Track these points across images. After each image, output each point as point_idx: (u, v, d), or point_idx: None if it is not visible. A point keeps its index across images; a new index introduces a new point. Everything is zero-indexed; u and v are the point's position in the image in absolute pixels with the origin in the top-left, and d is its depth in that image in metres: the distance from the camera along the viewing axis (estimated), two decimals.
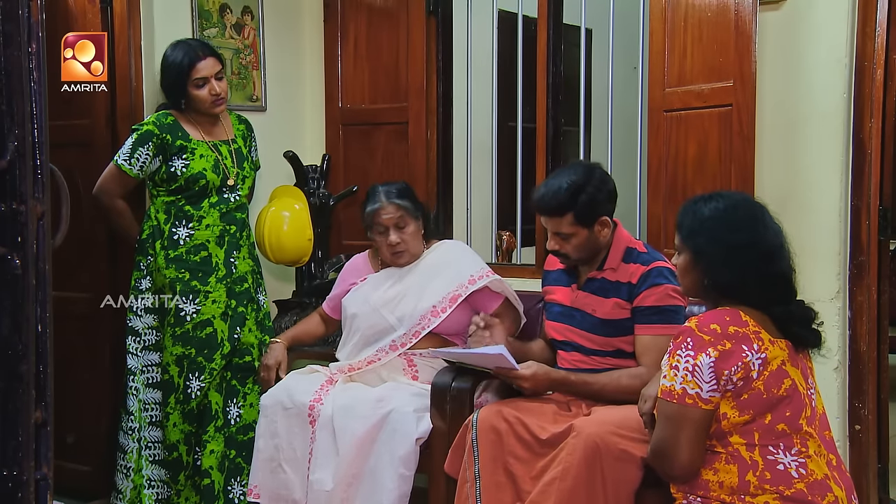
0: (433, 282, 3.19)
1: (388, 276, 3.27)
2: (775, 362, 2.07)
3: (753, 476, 2.04)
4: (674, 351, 2.09)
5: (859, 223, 3.06)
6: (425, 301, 3.16)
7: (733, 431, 2.07)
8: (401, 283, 3.23)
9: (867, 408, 3.08)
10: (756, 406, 2.06)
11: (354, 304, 3.27)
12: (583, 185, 2.73)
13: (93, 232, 3.58)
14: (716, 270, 2.14)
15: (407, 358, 3.17)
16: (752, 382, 2.04)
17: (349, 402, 3.01)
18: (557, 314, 2.92)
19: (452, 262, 3.24)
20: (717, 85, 3.14)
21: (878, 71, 3.02)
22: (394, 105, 3.97)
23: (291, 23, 4.03)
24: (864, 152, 3.04)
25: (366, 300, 3.24)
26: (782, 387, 2.06)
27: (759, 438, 2.06)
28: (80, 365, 3.65)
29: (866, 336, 3.08)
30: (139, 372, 3.29)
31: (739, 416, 2.06)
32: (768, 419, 2.06)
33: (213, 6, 3.81)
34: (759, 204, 2.23)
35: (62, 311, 2.62)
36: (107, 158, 3.31)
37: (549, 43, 3.71)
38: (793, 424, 2.07)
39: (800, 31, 3.14)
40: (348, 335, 3.29)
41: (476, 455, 2.64)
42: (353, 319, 3.26)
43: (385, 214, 3.18)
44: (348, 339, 3.28)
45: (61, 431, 3.48)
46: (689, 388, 2.05)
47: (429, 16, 3.89)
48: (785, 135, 3.18)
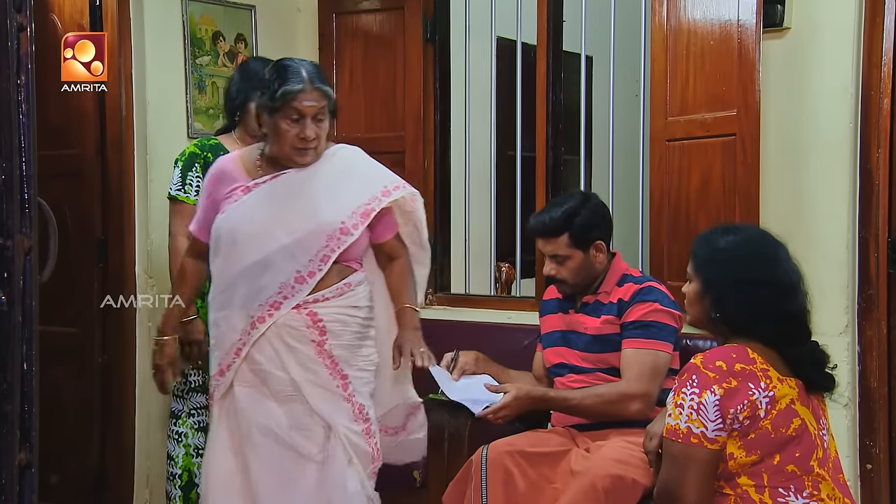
0: (338, 191, 2.61)
1: (279, 184, 2.59)
2: (784, 401, 2.01)
3: None
4: (678, 389, 2.04)
5: (867, 255, 3.02)
6: (328, 214, 2.57)
7: (741, 472, 2.01)
8: (300, 192, 2.58)
9: (878, 446, 3.02)
10: (764, 446, 1.99)
11: (234, 222, 2.57)
12: (578, 209, 2.84)
13: (81, 264, 3.51)
14: (725, 304, 2.10)
15: (310, 313, 2.57)
16: (760, 422, 1.99)
17: (249, 425, 2.57)
18: (553, 339, 2.97)
19: (361, 166, 2.70)
20: (721, 114, 3.11)
21: (885, 100, 2.98)
22: (390, 134, 3.93)
23: (286, 50, 3.99)
24: (872, 183, 3.01)
25: (251, 217, 2.56)
26: (791, 426, 2.00)
27: (768, 480, 2.00)
28: (67, 402, 3.57)
29: (876, 372, 3.02)
30: (185, 415, 3.20)
31: (747, 457, 2.00)
32: (777, 460, 2.00)
33: (205, 34, 3.77)
34: (778, 241, 2.17)
35: (48, 345, 2.55)
36: (96, 188, 3.26)
37: (548, 70, 3.70)
38: (803, 466, 2.01)
39: (804, 59, 3.12)
40: (224, 271, 2.59)
41: (484, 492, 2.63)
42: (231, 246, 2.56)
43: (307, 101, 2.51)
44: (223, 279, 2.59)
45: (45, 471, 3.38)
46: (693, 427, 1.99)
47: (426, 43, 3.87)
48: (790, 165, 3.14)
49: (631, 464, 2.49)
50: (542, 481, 2.64)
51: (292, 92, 2.50)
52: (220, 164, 2.68)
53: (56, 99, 3.51)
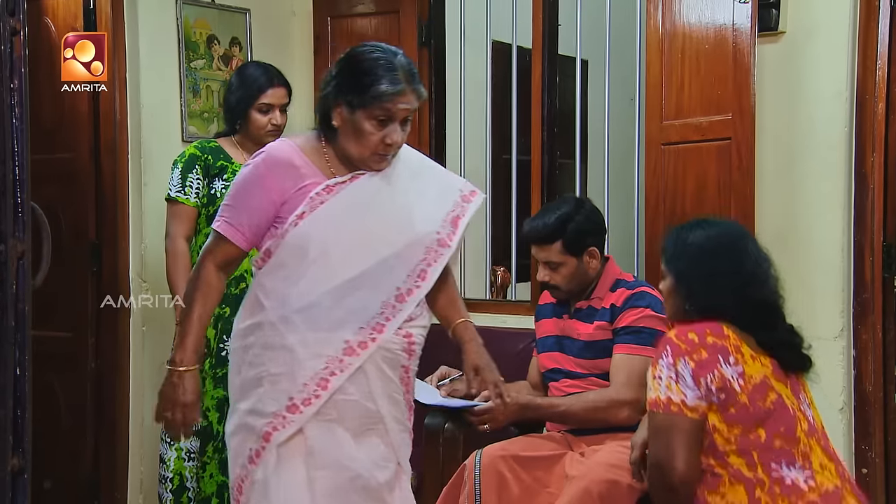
0: (422, 197, 2.26)
1: (359, 188, 2.19)
2: (756, 376, 2.06)
3: (763, 492, 2.01)
4: (654, 361, 2.11)
5: (862, 259, 3.02)
6: (422, 224, 2.23)
7: (729, 452, 2.05)
8: (387, 197, 2.21)
9: (874, 451, 3.02)
10: (744, 420, 2.04)
11: (325, 229, 2.14)
12: (572, 215, 2.83)
13: (75, 267, 3.50)
14: (696, 296, 2.17)
15: (406, 335, 2.23)
16: (737, 396, 2.04)
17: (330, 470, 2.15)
18: (548, 344, 2.96)
19: (427, 167, 2.36)
20: (716, 118, 3.11)
21: (880, 104, 2.99)
22: None
23: (280, 54, 3.98)
24: (867, 187, 3.01)
25: (344, 225, 2.15)
26: (767, 399, 2.06)
27: (759, 457, 2.04)
28: (60, 406, 3.55)
29: (871, 376, 3.02)
30: None
31: (730, 431, 2.04)
32: (763, 436, 2.04)
33: (200, 37, 3.76)
34: (744, 231, 2.27)
35: (41, 349, 2.54)
36: (91, 192, 3.24)
37: (544, 74, 3.69)
38: (790, 438, 2.05)
39: (799, 63, 3.12)
40: (307, 287, 2.13)
41: (478, 497, 2.62)
42: (321, 258, 2.14)
43: (402, 104, 2.13)
44: (304, 296, 2.13)
45: (38, 476, 3.36)
46: (673, 396, 2.05)
47: (421, 47, 3.86)
48: (785, 169, 3.15)
49: (626, 468, 2.48)
50: (537, 485, 2.64)
51: (388, 94, 2.11)
52: (280, 153, 2.19)
53: (50, 102, 3.50)
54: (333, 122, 2.17)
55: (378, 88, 2.10)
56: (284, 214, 2.15)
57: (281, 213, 2.16)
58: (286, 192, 2.15)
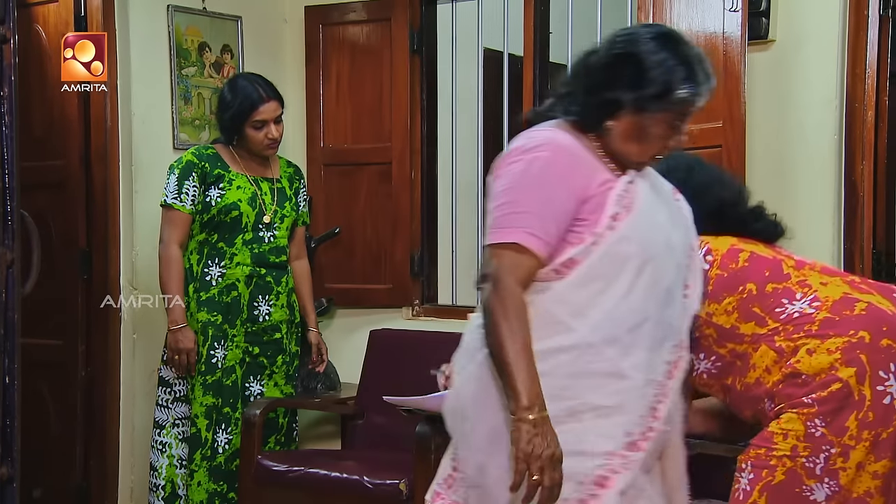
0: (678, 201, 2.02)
1: (637, 189, 1.87)
2: (722, 248, 2.13)
3: (782, 339, 2.01)
4: None
5: (853, 267, 3.02)
6: (691, 228, 1.99)
7: (736, 323, 2.07)
8: (664, 200, 1.96)
9: None
10: (727, 286, 2.09)
11: (646, 232, 1.85)
12: None
13: (65, 275, 3.49)
14: None
15: None
16: (709, 272, 2.09)
17: None
18: None
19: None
20: (706, 126, 3.10)
21: (869, 112, 3.00)
22: (377, 145, 3.93)
23: (272, 62, 3.99)
24: (857, 195, 3.02)
25: (656, 226, 1.88)
26: (740, 260, 2.12)
27: (761, 309, 2.05)
28: (50, 414, 3.54)
29: None
30: (170, 425, 3.17)
31: (722, 305, 2.07)
32: (754, 289, 2.08)
33: (191, 45, 3.75)
34: (697, 157, 2.36)
35: (31, 357, 2.53)
36: (81, 199, 3.24)
37: (535, 81, 3.69)
38: (779, 277, 2.09)
39: (789, 71, 3.13)
40: (635, 301, 1.81)
41: None
42: (647, 266, 1.83)
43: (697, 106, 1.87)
44: (633, 312, 1.82)
45: (27, 485, 3.35)
46: None
47: (412, 54, 3.86)
48: (775, 176, 3.15)
49: None
50: None
51: (696, 96, 1.84)
52: (568, 143, 1.85)
53: (40, 109, 3.50)
54: (610, 122, 1.85)
55: (691, 89, 1.82)
56: (586, 216, 1.81)
57: (581, 213, 1.81)
58: (589, 189, 1.81)
